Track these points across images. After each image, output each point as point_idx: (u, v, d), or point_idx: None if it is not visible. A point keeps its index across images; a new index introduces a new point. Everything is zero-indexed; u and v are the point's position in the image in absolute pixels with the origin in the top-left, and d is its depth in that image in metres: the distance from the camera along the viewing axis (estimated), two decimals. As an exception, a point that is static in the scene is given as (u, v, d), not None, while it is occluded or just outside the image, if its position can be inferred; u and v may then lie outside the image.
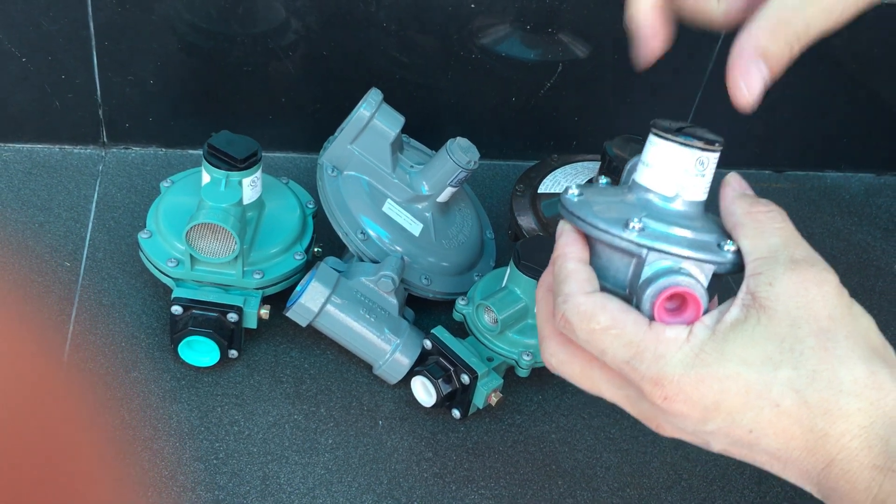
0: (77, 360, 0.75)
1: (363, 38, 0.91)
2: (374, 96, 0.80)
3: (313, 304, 0.74)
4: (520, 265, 0.74)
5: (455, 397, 0.74)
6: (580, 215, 0.50)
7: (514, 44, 0.94)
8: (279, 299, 0.77)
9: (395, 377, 0.77)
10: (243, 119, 0.94)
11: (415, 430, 0.75)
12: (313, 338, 0.79)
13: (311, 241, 0.81)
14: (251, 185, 0.75)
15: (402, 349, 0.76)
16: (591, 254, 0.51)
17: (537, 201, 0.88)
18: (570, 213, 0.51)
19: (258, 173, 0.76)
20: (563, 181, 0.90)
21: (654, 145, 0.50)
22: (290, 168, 0.96)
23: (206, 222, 0.70)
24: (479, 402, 0.74)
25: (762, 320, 0.46)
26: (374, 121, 0.79)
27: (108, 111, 0.93)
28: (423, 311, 0.82)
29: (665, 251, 0.48)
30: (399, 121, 0.80)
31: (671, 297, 0.47)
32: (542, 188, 0.89)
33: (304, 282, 0.75)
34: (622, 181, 0.53)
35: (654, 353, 0.46)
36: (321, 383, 0.77)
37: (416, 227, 0.81)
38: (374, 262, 0.78)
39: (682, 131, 0.50)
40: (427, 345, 0.75)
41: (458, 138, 0.80)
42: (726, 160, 0.52)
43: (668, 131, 0.50)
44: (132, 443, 0.71)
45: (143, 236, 0.78)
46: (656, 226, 0.48)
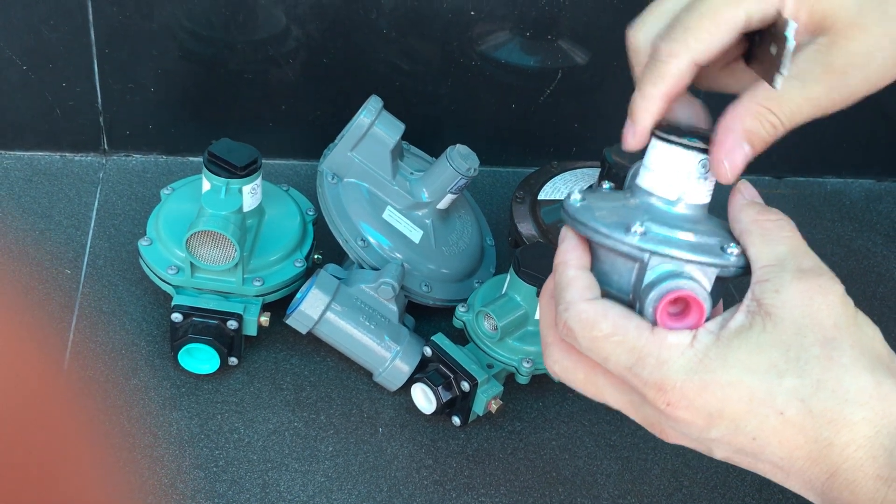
0: (77, 367, 0.75)
1: (363, 46, 0.91)
2: (374, 103, 0.80)
3: (313, 311, 0.74)
4: (520, 272, 0.73)
5: (455, 404, 0.74)
6: (582, 220, 0.50)
7: (513, 51, 0.94)
8: (279, 306, 0.77)
9: (395, 384, 0.77)
10: (244, 126, 0.94)
11: (415, 438, 0.75)
12: (313, 345, 0.79)
13: (311, 248, 0.81)
14: (251, 193, 0.76)
15: (402, 356, 0.76)
16: (593, 259, 0.51)
17: (537, 208, 0.88)
18: (572, 218, 0.51)
19: (258, 181, 0.76)
20: (563, 188, 0.90)
21: (655, 148, 0.50)
22: (291, 175, 0.96)
23: (206, 230, 0.71)
24: (479, 409, 0.74)
25: (767, 327, 0.45)
26: (374, 128, 0.79)
27: (108, 118, 0.93)
28: (424, 318, 0.82)
29: (667, 255, 0.47)
30: (399, 128, 0.80)
31: (674, 302, 0.47)
32: (542, 195, 0.89)
33: (304, 289, 0.75)
34: (625, 186, 0.53)
35: (657, 358, 0.46)
36: (321, 390, 0.77)
37: (416, 234, 0.81)
38: (375, 269, 0.78)
39: (684, 134, 0.49)
40: (427, 352, 0.75)
41: (458, 145, 0.80)
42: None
43: (670, 134, 0.50)
44: (132, 450, 0.71)
45: (143, 244, 0.78)
46: (659, 230, 0.48)
